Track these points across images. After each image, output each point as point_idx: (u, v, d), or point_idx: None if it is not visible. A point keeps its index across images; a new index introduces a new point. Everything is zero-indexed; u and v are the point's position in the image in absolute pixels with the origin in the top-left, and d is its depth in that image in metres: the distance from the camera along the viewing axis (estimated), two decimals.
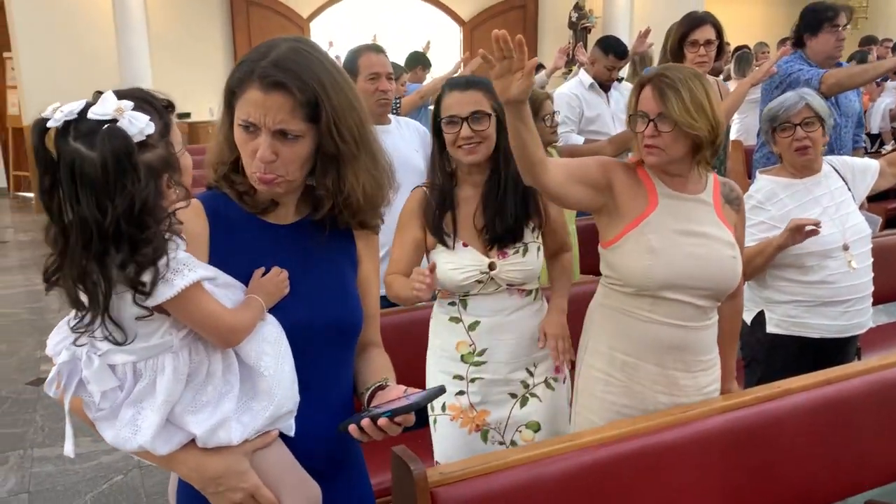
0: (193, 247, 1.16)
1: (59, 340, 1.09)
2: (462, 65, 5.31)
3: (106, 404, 1.07)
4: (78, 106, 0.99)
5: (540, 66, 5.21)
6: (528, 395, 2.06)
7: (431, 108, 5.62)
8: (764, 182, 2.54)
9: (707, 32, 3.30)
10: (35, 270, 4.17)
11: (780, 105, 2.50)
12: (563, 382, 2.13)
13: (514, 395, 2.06)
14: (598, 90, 4.14)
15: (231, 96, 1.19)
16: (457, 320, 2.04)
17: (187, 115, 9.09)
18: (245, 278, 1.20)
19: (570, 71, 9.31)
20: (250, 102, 1.15)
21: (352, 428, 1.15)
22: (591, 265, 3.40)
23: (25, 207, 8.95)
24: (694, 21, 3.34)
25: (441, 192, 2.00)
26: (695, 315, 1.84)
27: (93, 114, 0.98)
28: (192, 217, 1.18)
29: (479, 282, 1.99)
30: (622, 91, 4.37)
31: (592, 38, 8.95)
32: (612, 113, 4.25)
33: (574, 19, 10.06)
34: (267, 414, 1.14)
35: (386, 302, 1.90)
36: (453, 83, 2.00)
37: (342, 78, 1.21)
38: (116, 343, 1.03)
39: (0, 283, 5.93)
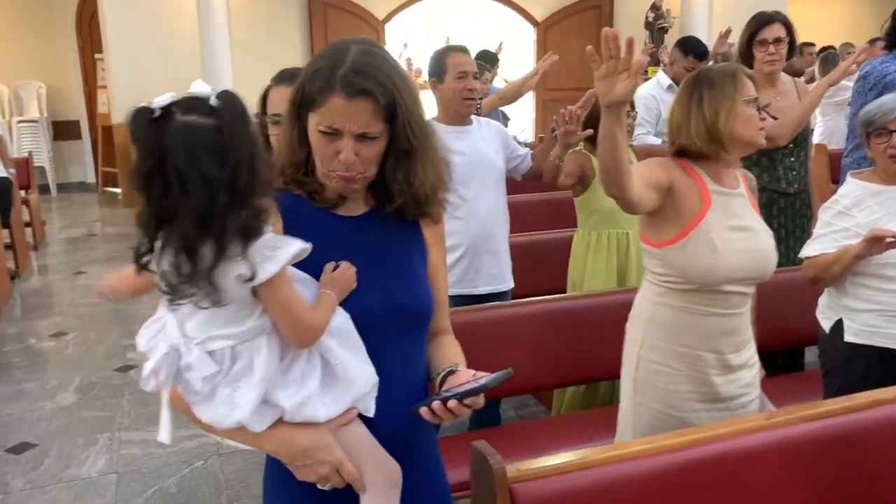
0: None
1: (150, 337, 1.15)
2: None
3: (206, 387, 1.12)
4: (172, 95, 1.07)
5: None
6: None
7: (505, 108, 5.60)
8: (852, 187, 2.47)
9: (776, 31, 3.21)
10: (121, 262, 4.36)
11: (877, 108, 2.42)
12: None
13: None
14: (673, 90, 4.08)
15: (309, 104, 1.22)
16: None
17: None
18: (318, 269, 1.24)
19: (647, 72, 9.18)
20: (335, 110, 1.19)
21: (423, 410, 1.19)
22: None
23: (113, 202, 9.35)
24: (762, 19, 3.26)
25: None
26: (741, 301, 1.97)
27: (194, 93, 1.07)
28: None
29: None
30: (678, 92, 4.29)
31: (669, 39, 8.79)
32: None
33: (651, 19, 9.89)
34: (347, 399, 1.19)
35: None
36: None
37: (406, 74, 1.27)
38: (216, 304, 1.08)
39: (89, 273, 6.22)
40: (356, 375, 1.19)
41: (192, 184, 1.04)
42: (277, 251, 1.11)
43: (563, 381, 2.90)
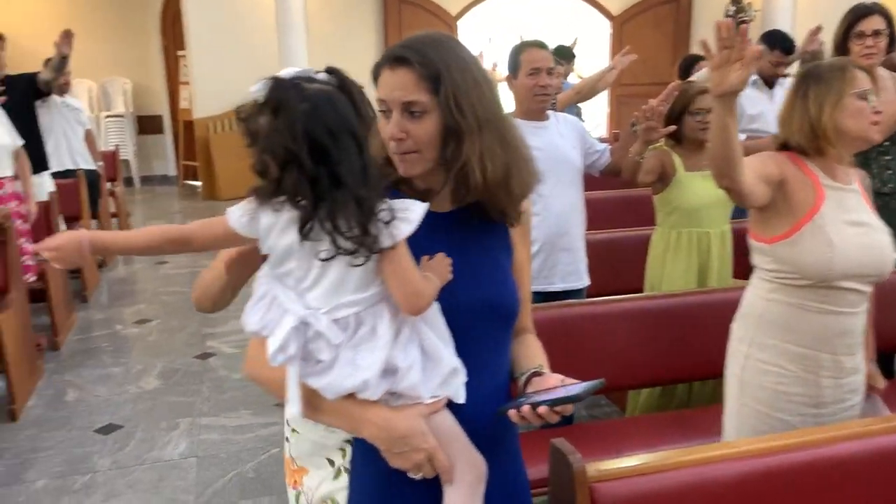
0: None
1: (262, 315, 1.17)
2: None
3: (331, 356, 1.14)
4: (292, 70, 1.14)
5: (698, 59, 5.03)
6: (343, 468, 1.60)
7: (581, 105, 5.53)
8: None
9: (875, 22, 3.07)
10: (201, 254, 4.46)
11: None
12: None
13: (331, 462, 1.62)
14: (761, 87, 3.96)
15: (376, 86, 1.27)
16: None
17: None
18: (414, 262, 1.25)
19: None
20: (381, 84, 1.24)
21: (511, 413, 1.19)
22: (745, 270, 3.27)
23: (193, 195, 9.66)
24: (860, 11, 3.12)
25: None
26: (858, 300, 1.92)
27: (296, 72, 1.13)
28: None
29: None
30: (788, 88, 4.15)
31: (751, 33, 8.52)
32: (775, 111, 4.04)
33: (731, 13, 9.62)
34: (437, 379, 1.19)
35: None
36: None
37: (474, 64, 1.26)
38: (372, 252, 1.10)
39: (170, 264, 6.44)
40: (443, 354, 1.20)
41: (345, 140, 1.09)
42: (408, 212, 1.13)
43: (638, 383, 2.85)
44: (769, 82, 3.99)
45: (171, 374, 4.18)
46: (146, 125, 10.65)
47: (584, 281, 3.00)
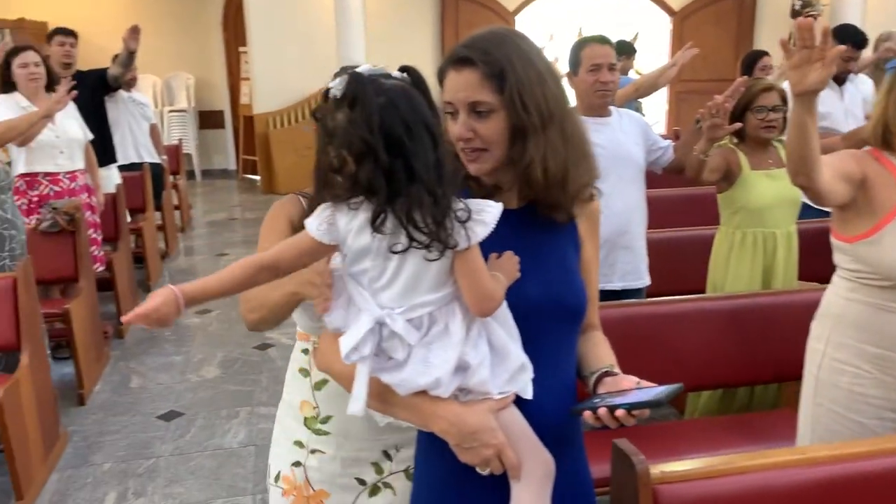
0: None
1: (342, 314, 1.18)
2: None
3: (402, 356, 1.15)
4: (367, 67, 1.16)
5: (761, 54, 4.91)
6: (381, 483, 1.61)
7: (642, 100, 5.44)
8: None
9: None
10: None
11: None
12: None
13: (362, 482, 1.60)
14: (831, 84, 3.83)
15: (440, 89, 1.27)
16: (305, 373, 1.63)
17: None
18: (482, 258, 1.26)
19: None
20: (447, 86, 1.25)
21: (587, 414, 1.18)
22: (812, 272, 3.18)
23: (252, 189, 9.84)
24: None
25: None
26: None
27: (371, 68, 1.15)
28: None
29: None
30: (858, 85, 4.02)
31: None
32: (845, 108, 3.93)
33: (798, 7, 9.33)
34: (504, 375, 1.19)
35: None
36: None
37: (538, 58, 1.24)
38: (447, 247, 1.09)
39: (230, 256, 6.58)
40: (511, 350, 1.19)
41: (420, 134, 1.09)
42: (484, 213, 1.13)
43: (699, 385, 2.80)
44: (839, 79, 3.87)
45: (231, 364, 4.27)
46: (207, 120, 10.90)
47: (644, 280, 2.96)
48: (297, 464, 1.62)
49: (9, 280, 3.08)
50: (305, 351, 1.64)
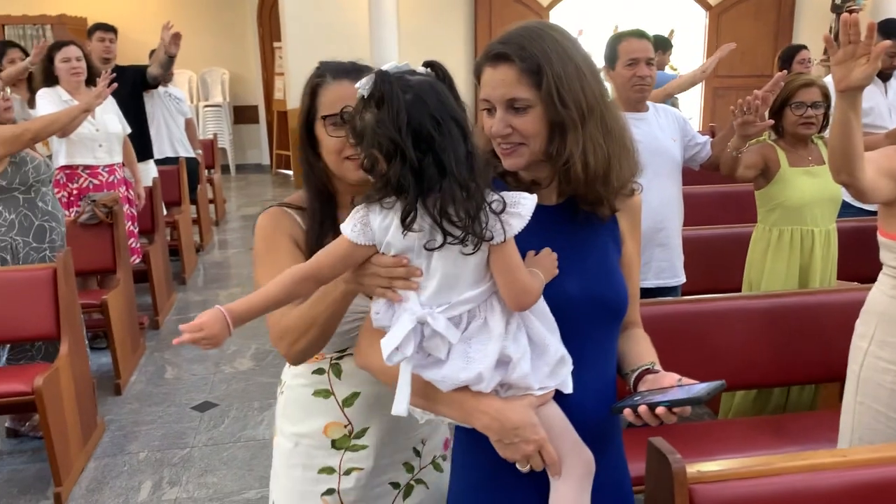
0: None
1: (384, 313, 1.17)
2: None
3: (444, 354, 1.14)
4: (393, 64, 1.14)
5: (798, 49, 4.82)
6: (413, 482, 1.59)
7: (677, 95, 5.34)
8: None
9: None
10: None
11: None
12: (447, 459, 1.67)
13: (396, 485, 1.58)
14: (874, 79, 3.75)
15: (477, 84, 1.26)
16: (326, 394, 1.53)
17: None
18: (521, 255, 1.24)
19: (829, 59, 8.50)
20: (484, 82, 1.23)
21: (627, 412, 1.17)
22: (851, 271, 3.12)
23: (285, 183, 9.92)
24: None
25: (320, 214, 1.45)
26: None
27: (398, 65, 1.15)
28: None
29: None
30: None
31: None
32: (888, 105, 3.84)
33: (838, 2, 9.16)
34: (545, 369, 1.18)
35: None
36: (337, 69, 1.49)
37: (575, 51, 1.22)
38: (482, 240, 1.09)
39: None
40: (550, 343, 1.18)
41: (449, 127, 1.09)
42: (519, 206, 1.12)
43: (736, 384, 2.75)
44: (883, 75, 3.79)
45: (264, 356, 4.31)
46: (241, 115, 11.01)
47: (679, 278, 2.92)
48: (329, 492, 1.55)
49: (49, 271, 3.15)
50: (320, 371, 1.53)
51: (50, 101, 4.08)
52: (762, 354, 2.61)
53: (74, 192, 4.22)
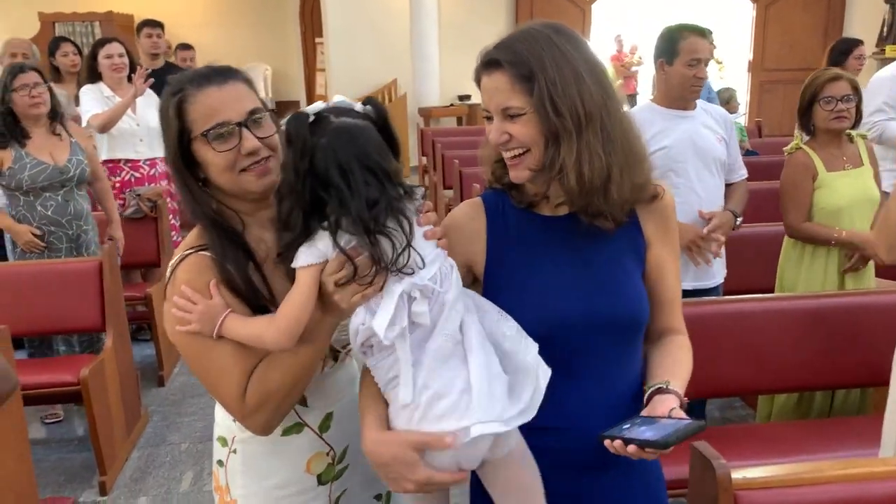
0: (473, 242, 1.25)
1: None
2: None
3: (428, 318, 1.11)
4: (322, 104, 1.16)
5: (857, 42, 4.66)
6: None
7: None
8: None
9: None
10: None
11: None
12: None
13: (379, 497, 1.47)
14: None
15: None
16: (298, 428, 1.34)
17: (467, 96, 9.52)
18: (523, 270, 1.23)
19: (884, 51, 8.26)
20: (482, 90, 1.19)
21: (606, 443, 1.11)
22: (890, 271, 3.02)
23: None
24: None
25: (228, 242, 1.25)
26: None
27: (339, 102, 1.17)
28: (474, 215, 1.28)
29: (334, 353, 1.35)
30: None
31: None
32: None
33: None
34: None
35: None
36: (195, 78, 1.26)
37: (576, 54, 1.16)
38: (420, 266, 1.11)
39: None
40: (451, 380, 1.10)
41: (353, 177, 1.09)
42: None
43: (776, 387, 2.68)
44: None
45: None
46: (284, 110, 11.03)
47: (716, 279, 2.84)
48: (220, 462, 1.41)
49: (95, 264, 3.21)
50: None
51: (92, 98, 4.16)
52: (804, 357, 2.53)
53: (117, 184, 4.29)
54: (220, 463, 1.39)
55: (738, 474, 1.43)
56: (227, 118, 1.22)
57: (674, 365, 1.26)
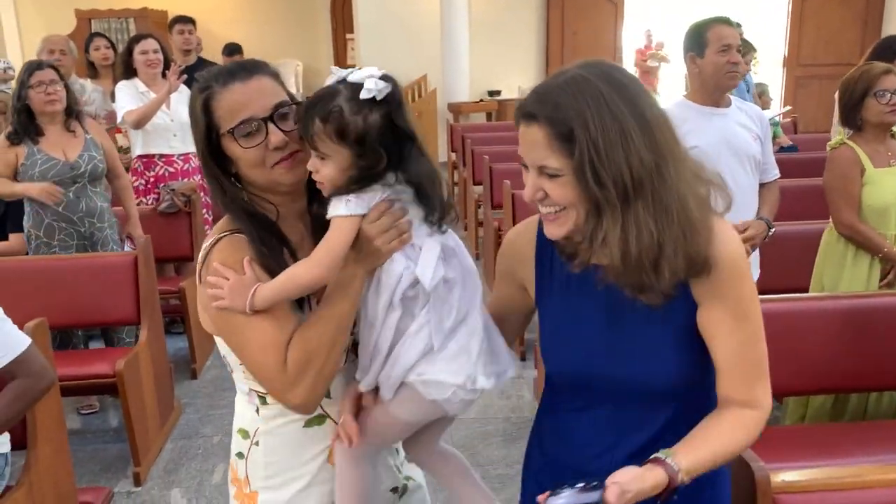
0: (525, 265, 1.27)
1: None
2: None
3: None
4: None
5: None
6: (403, 479, 1.46)
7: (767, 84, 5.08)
8: None
9: None
10: None
11: None
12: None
13: (395, 490, 1.46)
14: None
15: None
16: (320, 420, 1.33)
17: (497, 92, 9.49)
18: (557, 315, 1.24)
19: None
20: (520, 138, 1.12)
21: (539, 497, 1.08)
22: None
23: None
24: None
25: (262, 228, 1.26)
26: None
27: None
28: (527, 238, 1.27)
29: (355, 345, 1.32)
30: None
31: None
32: None
33: None
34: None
35: None
36: (221, 75, 1.27)
37: (624, 106, 1.05)
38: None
39: None
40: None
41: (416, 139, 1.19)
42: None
43: (811, 388, 2.63)
44: None
45: None
46: None
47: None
48: (241, 455, 1.40)
49: (130, 258, 3.25)
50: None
51: (127, 93, 4.21)
52: (840, 358, 2.48)
53: (151, 179, 4.34)
54: (239, 455, 1.39)
55: (777, 477, 1.41)
56: (252, 114, 1.22)
57: (698, 437, 1.14)
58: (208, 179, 1.30)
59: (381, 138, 1.13)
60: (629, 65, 10.01)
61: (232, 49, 6.32)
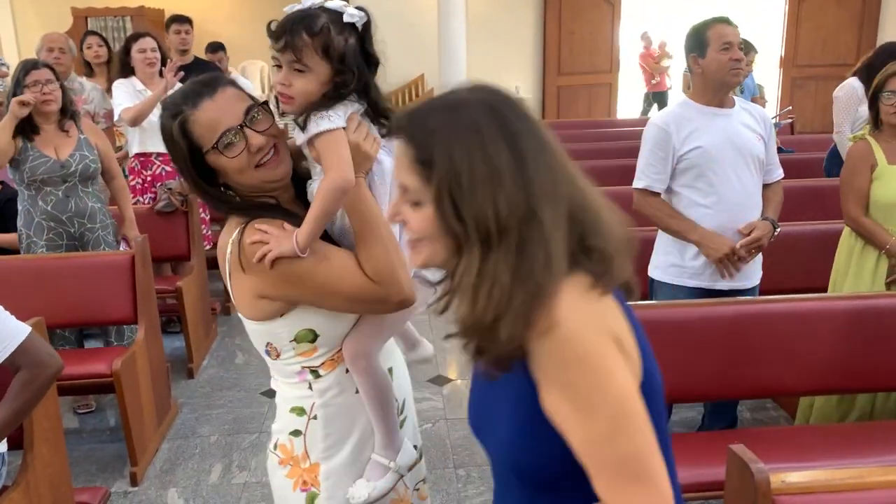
0: None
1: None
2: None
3: None
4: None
5: None
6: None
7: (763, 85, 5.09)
8: None
9: None
10: None
11: None
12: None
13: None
14: None
15: None
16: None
17: None
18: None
19: None
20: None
21: None
22: None
23: None
24: None
25: (278, 212, 1.39)
26: None
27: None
28: None
29: None
30: None
31: None
32: None
33: None
34: None
35: None
36: (188, 96, 1.37)
37: (502, 146, 0.91)
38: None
39: None
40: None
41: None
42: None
43: (815, 388, 2.63)
44: None
45: None
46: None
47: (753, 280, 2.78)
48: (298, 432, 1.48)
49: (127, 258, 3.24)
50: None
51: (125, 92, 4.20)
52: (845, 358, 2.48)
53: (148, 178, 4.33)
54: (295, 433, 1.46)
55: (776, 478, 1.41)
56: (228, 125, 1.33)
57: None
58: (204, 198, 1.42)
59: (356, 60, 1.31)
60: (628, 64, 10.04)
61: (215, 47, 6.33)
